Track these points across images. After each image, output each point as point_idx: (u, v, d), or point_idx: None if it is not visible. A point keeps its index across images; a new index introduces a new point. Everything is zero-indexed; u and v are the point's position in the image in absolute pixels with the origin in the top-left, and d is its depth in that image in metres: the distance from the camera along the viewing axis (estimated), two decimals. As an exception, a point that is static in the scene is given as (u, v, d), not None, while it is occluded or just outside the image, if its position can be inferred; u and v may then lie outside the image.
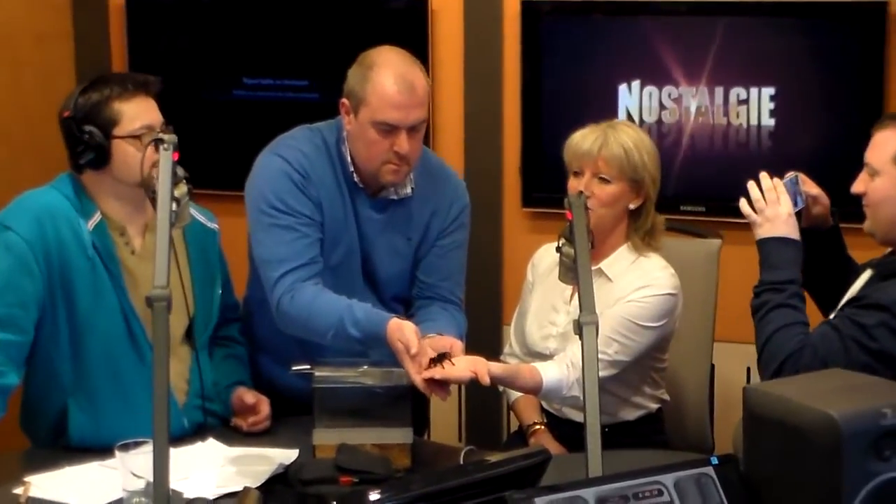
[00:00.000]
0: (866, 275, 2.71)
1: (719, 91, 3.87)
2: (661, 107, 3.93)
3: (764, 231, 2.73)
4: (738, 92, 3.85)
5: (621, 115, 3.92)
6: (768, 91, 3.83)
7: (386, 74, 2.74)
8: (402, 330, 2.61)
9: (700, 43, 3.86)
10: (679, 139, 3.93)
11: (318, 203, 2.82)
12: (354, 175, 2.85)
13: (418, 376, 2.59)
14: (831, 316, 2.69)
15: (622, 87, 3.95)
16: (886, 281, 2.60)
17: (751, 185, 2.77)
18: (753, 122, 3.85)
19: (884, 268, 2.66)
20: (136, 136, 2.67)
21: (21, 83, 4.23)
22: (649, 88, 3.93)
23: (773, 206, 2.72)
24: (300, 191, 2.80)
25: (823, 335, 2.59)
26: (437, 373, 2.59)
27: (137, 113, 2.69)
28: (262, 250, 2.82)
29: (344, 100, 2.81)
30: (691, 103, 3.89)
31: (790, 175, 2.79)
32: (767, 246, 2.73)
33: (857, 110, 3.71)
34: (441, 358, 2.61)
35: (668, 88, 3.91)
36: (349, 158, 2.84)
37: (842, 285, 2.78)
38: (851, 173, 2.74)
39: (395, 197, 2.89)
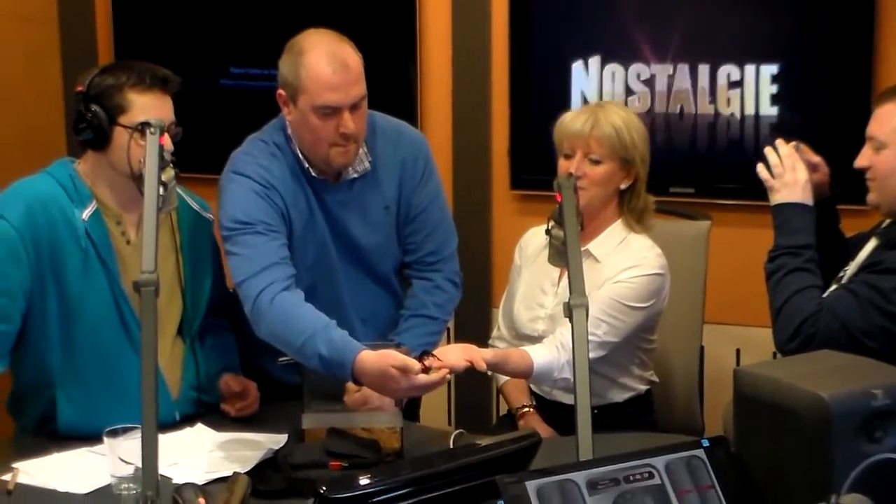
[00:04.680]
0: (871, 243, 2.72)
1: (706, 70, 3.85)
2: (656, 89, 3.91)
3: (781, 196, 2.74)
4: (728, 71, 3.82)
5: (609, 96, 3.90)
6: (760, 69, 3.79)
7: (317, 57, 2.71)
8: (393, 357, 2.52)
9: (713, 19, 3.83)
10: (671, 119, 3.91)
11: (282, 211, 2.79)
12: (311, 170, 2.82)
13: (425, 379, 2.52)
14: (833, 285, 2.70)
15: (611, 67, 3.93)
16: None
17: (768, 150, 2.78)
18: (737, 101, 3.83)
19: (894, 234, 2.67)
20: (138, 129, 2.61)
21: (5, 65, 4.22)
22: (640, 68, 3.91)
23: (791, 173, 2.74)
24: (264, 201, 2.77)
25: (840, 298, 2.61)
26: (435, 363, 2.55)
27: (148, 107, 2.65)
28: (235, 260, 2.74)
29: (280, 91, 2.78)
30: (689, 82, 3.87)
31: (791, 144, 2.79)
32: (785, 211, 2.73)
33: (847, 89, 3.69)
34: (425, 353, 2.57)
35: (662, 66, 3.90)
36: (300, 153, 2.82)
37: (834, 256, 2.79)
38: (848, 150, 2.73)
39: (356, 175, 2.86)
